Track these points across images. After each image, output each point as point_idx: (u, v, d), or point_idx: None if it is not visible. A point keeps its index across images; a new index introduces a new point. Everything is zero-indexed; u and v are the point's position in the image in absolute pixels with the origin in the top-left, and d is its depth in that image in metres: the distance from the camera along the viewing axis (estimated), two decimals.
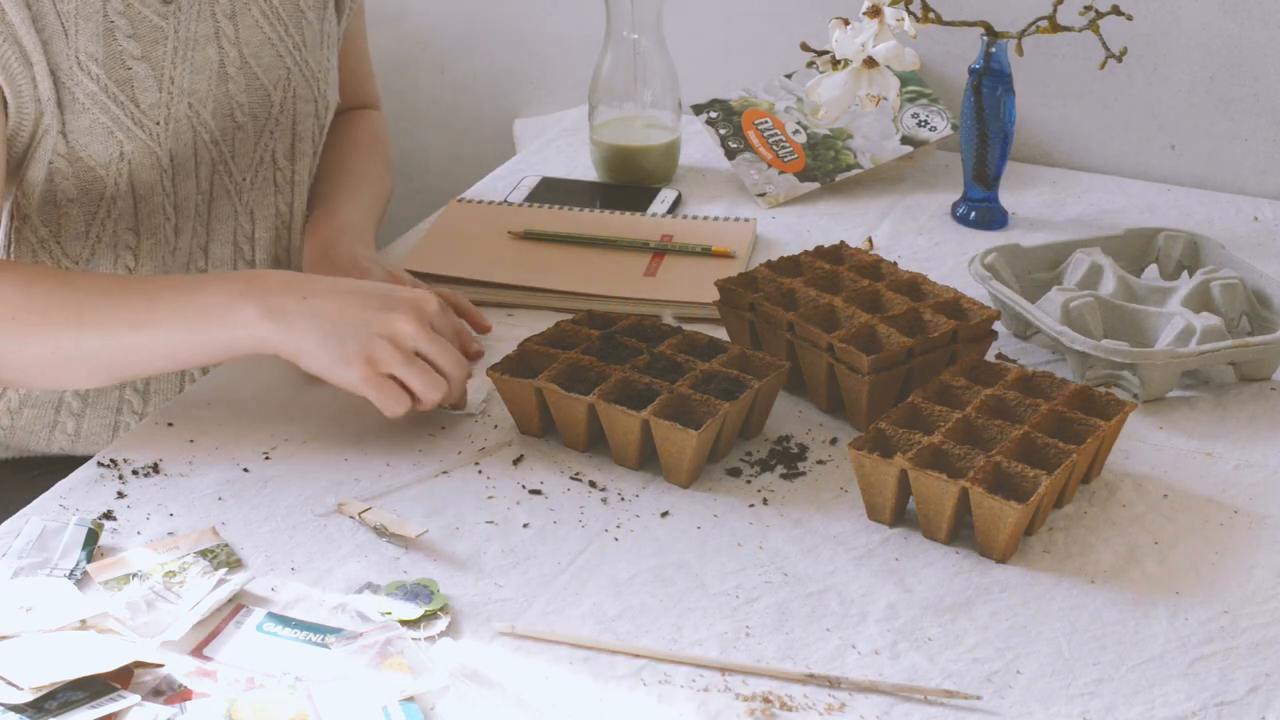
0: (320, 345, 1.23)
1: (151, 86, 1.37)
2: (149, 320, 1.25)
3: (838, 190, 1.78)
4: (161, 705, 1.00)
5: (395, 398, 1.25)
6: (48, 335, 1.25)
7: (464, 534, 1.18)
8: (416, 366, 1.24)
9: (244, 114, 1.45)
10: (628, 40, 1.74)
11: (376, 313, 1.25)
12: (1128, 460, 1.28)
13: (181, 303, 1.25)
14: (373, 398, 1.25)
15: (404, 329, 1.24)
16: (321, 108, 1.52)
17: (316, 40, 1.51)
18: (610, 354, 1.31)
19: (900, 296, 1.36)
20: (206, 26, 1.40)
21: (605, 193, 1.76)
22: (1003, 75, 1.62)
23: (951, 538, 1.18)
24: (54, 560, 1.12)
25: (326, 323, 1.23)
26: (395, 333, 1.24)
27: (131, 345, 1.25)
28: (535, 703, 1.02)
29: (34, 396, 1.45)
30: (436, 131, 2.22)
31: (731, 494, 1.24)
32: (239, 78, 1.43)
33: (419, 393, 1.25)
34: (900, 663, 1.06)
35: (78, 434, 1.48)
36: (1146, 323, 1.42)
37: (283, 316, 1.23)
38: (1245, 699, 1.04)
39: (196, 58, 1.40)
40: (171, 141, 1.39)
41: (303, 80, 1.49)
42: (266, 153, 1.48)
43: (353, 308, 1.25)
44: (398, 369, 1.24)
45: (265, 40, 1.45)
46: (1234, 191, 1.82)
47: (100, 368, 1.28)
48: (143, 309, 1.25)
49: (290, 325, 1.23)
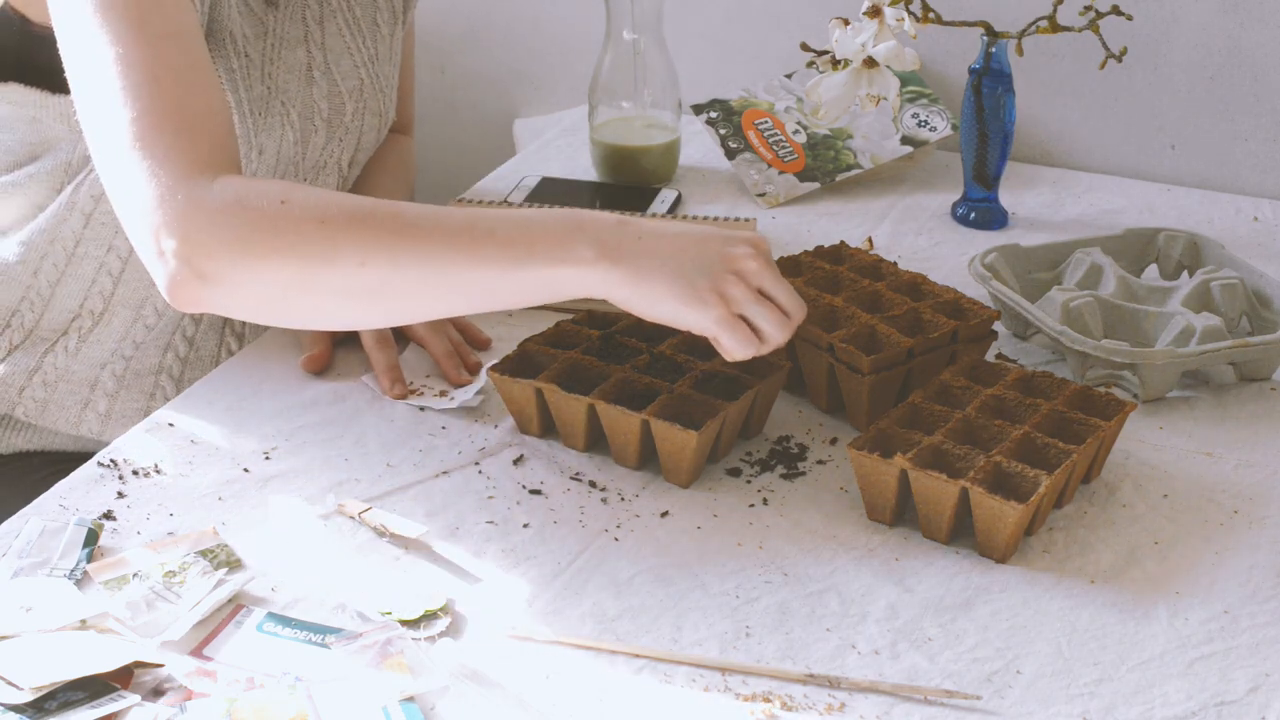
0: (669, 286, 1.15)
1: (258, 77, 1.37)
2: (470, 247, 1.13)
3: (838, 190, 1.78)
4: (161, 705, 1.00)
5: (747, 339, 1.17)
6: (354, 248, 1.12)
7: (464, 534, 1.18)
8: (765, 305, 1.17)
9: (321, 119, 1.45)
10: (628, 40, 1.74)
11: (720, 248, 1.17)
12: (1128, 460, 1.28)
13: (508, 233, 1.15)
14: (725, 339, 1.17)
15: (750, 265, 1.17)
16: (384, 121, 1.53)
17: (387, 55, 1.52)
18: (610, 354, 1.31)
19: (900, 297, 1.36)
20: (298, 29, 1.41)
21: (605, 193, 1.76)
22: (1003, 75, 1.62)
23: (951, 538, 1.18)
24: (54, 560, 1.12)
25: (671, 261, 1.15)
26: (743, 269, 1.17)
27: (445, 275, 1.14)
28: (535, 703, 1.02)
29: (72, 372, 1.44)
30: (436, 131, 2.22)
31: (731, 494, 1.24)
32: (322, 82, 1.44)
33: (768, 334, 1.18)
34: (900, 663, 1.06)
35: (108, 415, 1.46)
36: (1146, 323, 1.42)
37: (622, 256, 1.14)
38: (1245, 699, 1.04)
39: (288, 57, 1.40)
40: (264, 136, 1.39)
41: (374, 92, 1.50)
42: (332, 158, 1.48)
43: (694, 245, 1.17)
44: (749, 308, 1.17)
45: (345, 49, 1.46)
46: (1234, 191, 1.82)
47: (402, 297, 1.15)
48: (463, 233, 1.14)
49: (634, 266, 1.14)
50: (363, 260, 1.12)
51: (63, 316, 1.42)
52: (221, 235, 1.11)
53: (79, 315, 1.42)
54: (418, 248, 1.13)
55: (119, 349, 1.44)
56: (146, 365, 1.46)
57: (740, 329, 1.17)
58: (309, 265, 1.12)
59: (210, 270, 1.11)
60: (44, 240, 1.38)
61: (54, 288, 1.40)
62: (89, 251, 1.39)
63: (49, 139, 1.36)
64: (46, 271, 1.40)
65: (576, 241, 1.14)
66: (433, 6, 2.16)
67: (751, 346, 1.18)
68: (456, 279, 1.14)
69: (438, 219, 1.15)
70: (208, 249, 1.11)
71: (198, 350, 1.47)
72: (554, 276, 1.14)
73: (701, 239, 1.17)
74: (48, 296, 1.41)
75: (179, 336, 1.46)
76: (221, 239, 1.11)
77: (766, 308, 1.17)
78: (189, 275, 1.11)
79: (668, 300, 1.15)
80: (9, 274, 1.40)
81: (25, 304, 1.41)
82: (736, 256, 1.17)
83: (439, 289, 1.15)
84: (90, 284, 1.40)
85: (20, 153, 1.37)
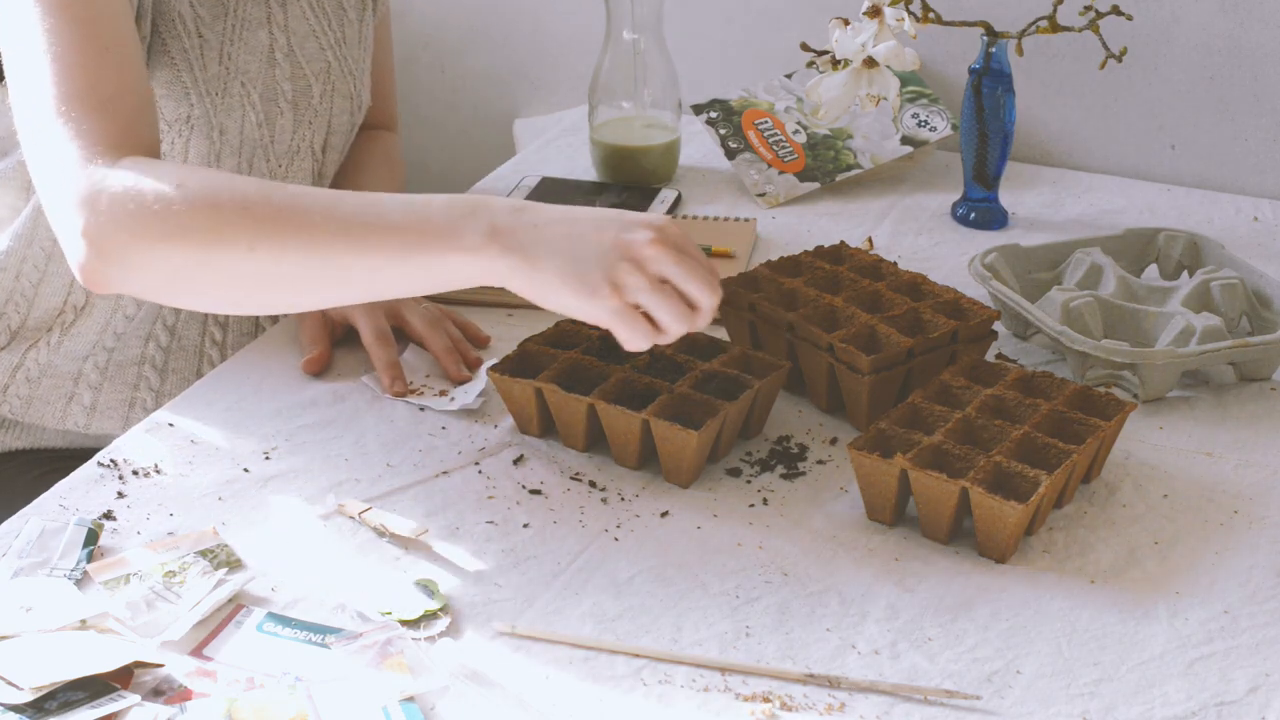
0: (560, 274, 1.11)
1: (214, 58, 1.37)
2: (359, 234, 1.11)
3: (838, 190, 1.78)
4: (161, 705, 1.00)
5: (641, 330, 1.13)
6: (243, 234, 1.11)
7: (464, 534, 1.18)
8: (662, 293, 1.12)
9: (286, 101, 1.45)
10: (628, 40, 1.74)
11: (617, 234, 1.12)
12: (1128, 460, 1.28)
13: (400, 219, 1.12)
14: (619, 330, 1.13)
15: (648, 251, 1.12)
16: (356, 105, 1.53)
17: (355, 39, 1.52)
18: (610, 354, 1.31)
19: (900, 297, 1.36)
20: (260, 11, 1.42)
21: (605, 193, 1.76)
22: (1003, 75, 1.62)
23: (951, 538, 1.18)
24: (54, 560, 1.12)
25: (564, 248, 1.11)
26: (640, 255, 1.12)
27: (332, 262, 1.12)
28: (535, 703, 1.02)
29: (54, 366, 1.45)
30: (436, 131, 2.22)
31: (731, 494, 1.24)
32: (285, 64, 1.44)
33: (664, 324, 1.13)
34: (900, 663, 1.06)
35: (93, 407, 1.47)
36: (1146, 323, 1.42)
37: (515, 243, 1.11)
38: (1245, 699, 1.04)
39: (250, 39, 1.41)
40: (224, 116, 1.39)
41: (341, 75, 1.50)
42: (304, 142, 1.48)
43: (590, 231, 1.12)
44: (643, 296, 1.12)
45: (310, 31, 1.46)
46: (1234, 191, 1.82)
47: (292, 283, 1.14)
48: (354, 219, 1.12)
49: (526, 254, 1.11)
50: (251, 245, 1.11)
51: (46, 314, 1.43)
52: (118, 217, 1.11)
53: (62, 311, 1.43)
54: (305, 235, 1.11)
55: (100, 341, 1.44)
56: (129, 356, 1.46)
57: (635, 320, 1.13)
58: (200, 249, 1.11)
59: (111, 251, 1.12)
60: (22, 244, 1.39)
61: (36, 288, 1.41)
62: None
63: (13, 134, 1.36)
64: (28, 273, 1.40)
65: (467, 227, 1.11)
66: (433, 6, 2.16)
67: (647, 338, 1.14)
68: (345, 267, 1.12)
69: (333, 205, 1.13)
70: (107, 231, 1.12)
71: (180, 340, 1.48)
72: (444, 263, 1.12)
73: (598, 224, 1.13)
74: (31, 297, 1.41)
75: (160, 326, 1.46)
76: (118, 221, 1.11)
77: (664, 296, 1.12)
78: (93, 256, 1.12)
79: (560, 290, 1.12)
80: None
81: (11, 306, 1.42)
82: (632, 244, 1.12)
83: (327, 276, 1.13)
84: (71, 280, 1.41)
85: None
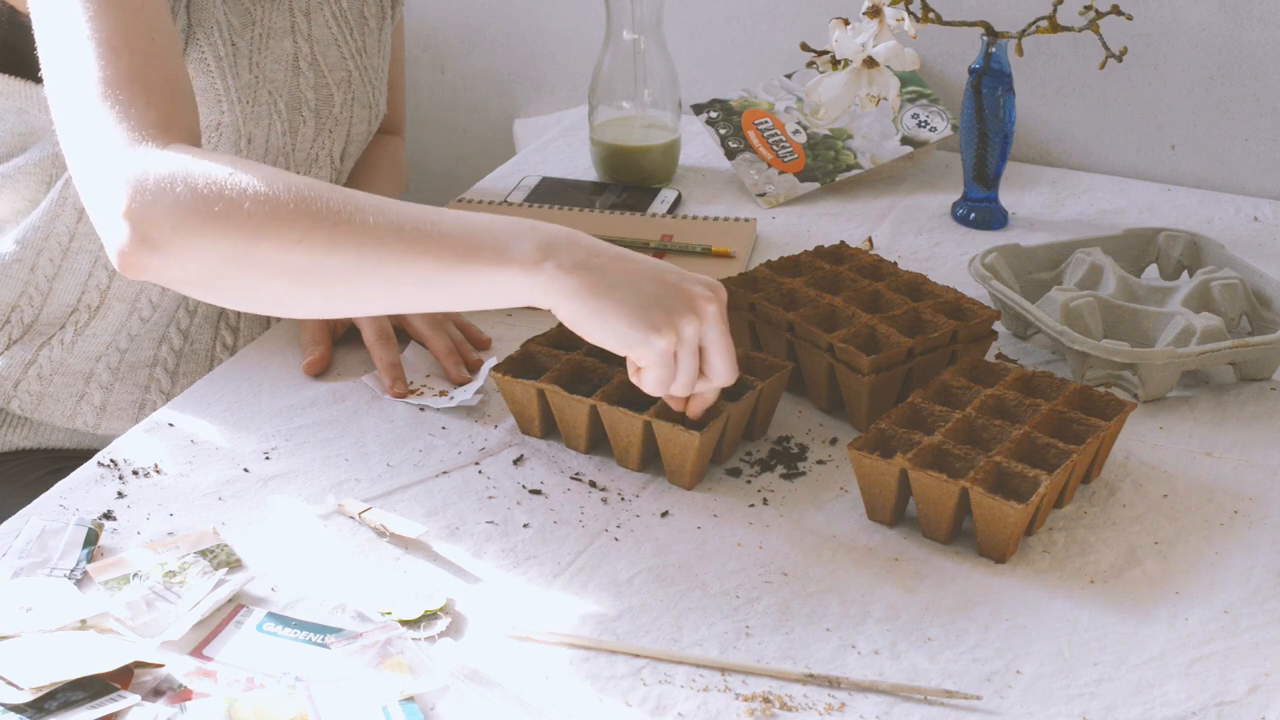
0: (621, 307, 1.11)
1: (245, 66, 1.38)
2: (411, 239, 1.09)
3: (838, 190, 1.78)
4: (161, 705, 1.00)
5: (670, 380, 1.14)
6: (295, 224, 1.08)
7: (464, 534, 1.18)
8: (694, 353, 1.14)
9: (309, 109, 1.46)
10: (628, 40, 1.74)
11: (680, 282, 1.13)
12: (1128, 460, 1.28)
13: (455, 230, 1.11)
14: (657, 372, 1.14)
15: (709, 308, 1.13)
16: (374, 114, 1.54)
17: (375, 48, 1.53)
18: (613, 355, 1.31)
19: (900, 297, 1.36)
20: (285, 20, 1.43)
21: (605, 193, 1.76)
22: (1003, 75, 1.62)
23: (951, 538, 1.18)
24: (54, 560, 1.12)
25: (629, 281, 1.11)
26: (701, 310, 1.13)
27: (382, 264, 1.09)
28: (535, 703, 1.02)
29: (67, 364, 1.45)
30: (436, 131, 2.22)
31: (731, 494, 1.24)
32: (309, 73, 1.45)
33: (680, 382, 1.15)
34: (900, 663, 1.06)
35: (103, 408, 1.47)
36: (1146, 323, 1.42)
37: (576, 265, 1.10)
38: (1245, 699, 1.04)
39: (275, 48, 1.42)
40: (252, 125, 1.40)
41: (362, 84, 1.51)
42: (323, 150, 1.49)
43: (653, 271, 1.13)
44: (686, 348, 1.13)
45: (333, 40, 1.47)
46: (1234, 191, 1.82)
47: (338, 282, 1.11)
48: (407, 225, 1.10)
49: (588, 279, 1.10)
50: (300, 238, 1.08)
51: (60, 311, 1.42)
52: (166, 201, 1.08)
53: (76, 309, 1.42)
54: (358, 234, 1.09)
55: (114, 342, 1.44)
56: (141, 358, 1.46)
57: (672, 370, 1.14)
58: (249, 235, 1.09)
59: (155, 237, 1.09)
60: (39, 236, 1.39)
61: (51, 283, 1.41)
62: (83, 246, 1.39)
63: (36, 129, 1.36)
64: (43, 267, 1.40)
65: (523, 244, 1.10)
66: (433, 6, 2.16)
67: (666, 390, 1.16)
68: (393, 270, 1.11)
69: (387, 210, 1.12)
70: (153, 212, 1.08)
71: (192, 343, 1.48)
72: (496, 276, 1.10)
73: (660, 268, 1.14)
74: (45, 291, 1.41)
75: (174, 329, 1.46)
76: (166, 205, 1.08)
77: (695, 357, 1.14)
78: (135, 241, 1.09)
79: (615, 321, 1.11)
80: (6, 271, 1.40)
81: (24, 299, 1.42)
82: (697, 296, 1.13)
83: (375, 278, 1.11)
84: (86, 278, 1.41)
85: (10, 144, 1.38)
